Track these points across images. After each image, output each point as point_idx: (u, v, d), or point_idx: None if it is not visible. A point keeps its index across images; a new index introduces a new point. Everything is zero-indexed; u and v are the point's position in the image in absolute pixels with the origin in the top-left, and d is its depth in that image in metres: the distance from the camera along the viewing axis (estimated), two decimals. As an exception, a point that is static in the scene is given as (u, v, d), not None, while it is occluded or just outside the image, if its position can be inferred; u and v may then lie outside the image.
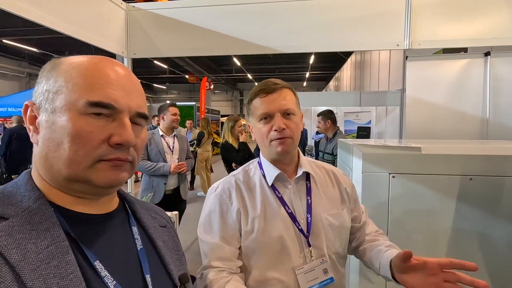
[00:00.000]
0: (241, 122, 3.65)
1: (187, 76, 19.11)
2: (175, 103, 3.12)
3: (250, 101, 0.98)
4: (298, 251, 0.93)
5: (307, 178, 1.00)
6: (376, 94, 6.23)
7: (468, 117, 2.76)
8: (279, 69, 19.54)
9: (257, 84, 1.00)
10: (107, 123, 0.51)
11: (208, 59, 16.35)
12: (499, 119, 2.69)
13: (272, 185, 0.97)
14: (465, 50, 3.00)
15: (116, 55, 2.37)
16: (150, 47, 2.45)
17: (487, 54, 2.71)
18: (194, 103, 12.74)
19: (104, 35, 2.21)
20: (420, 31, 2.14)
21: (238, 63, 16.62)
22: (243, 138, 3.61)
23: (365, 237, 1.04)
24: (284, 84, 0.97)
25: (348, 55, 12.25)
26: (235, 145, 3.51)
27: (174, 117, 2.99)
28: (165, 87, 24.92)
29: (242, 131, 3.65)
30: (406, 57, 2.97)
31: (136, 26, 2.44)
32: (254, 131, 1.00)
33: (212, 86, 17.30)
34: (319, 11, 2.23)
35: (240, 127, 3.61)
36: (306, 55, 14.49)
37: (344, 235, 1.01)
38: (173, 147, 3.05)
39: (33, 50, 12.74)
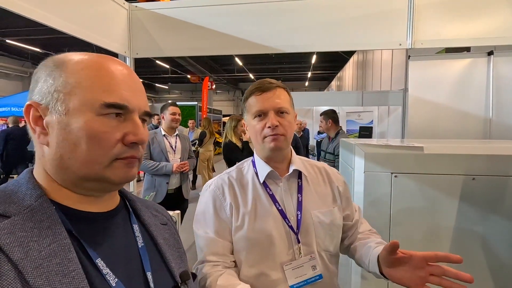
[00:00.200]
0: (243, 121, 3.64)
1: (189, 76, 19.12)
2: (175, 102, 3.12)
3: (246, 99, 1.02)
4: (287, 248, 0.95)
5: (299, 176, 1.01)
6: (378, 94, 6.21)
7: (471, 116, 2.75)
8: (281, 69, 19.51)
9: (253, 83, 1.02)
10: (119, 123, 0.53)
11: (210, 59, 16.36)
12: (502, 118, 2.67)
13: (264, 182, 0.99)
14: (468, 49, 2.99)
15: (118, 54, 2.38)
16: (152, 46, 2.46)
17: (490, 53, 2.70)
18: (196, 103, 12.78)
19: (106, 35, 2.21)
20: (423, 31, 2.13)
21: (240, 63, 16.62)
22: (246, 137, 3.61)
23: (357, 235, 1.06)
24: (278, 84, 0.99)
25: (350, 55, 12.22)
26: (239, 144, 3.50)
27: (173, 117, 2.99)
28: (167, 87, 24.94)
29: (245, 130, 3.64)
30: (409, 56, 2.97)
31: (138, 26, 2.45)
32: (248, 128, 1.03)
33: (214, 86, 17.34)
34: (321, 11, 2.23)
35: (243, 126, 3.61)
36: (308, 55, 14.47)
37: (335, 232, 1.01)
38: (176, 146, 3.06)
39: (36, 50, 12.78)
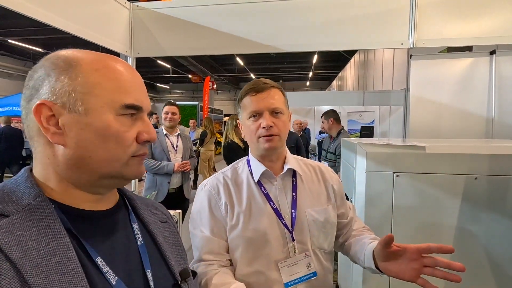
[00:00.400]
0: (238, 121, 3.64)
1: (190, 76, 19.13)
2: (171, 101, 3.14)
3: (240, 99, 1.02)
4: (282, 245, 0.96)
5: (294, 175, 1.03)
6: (379, 94, 6.21)
7: (473, 116, 2.73)
8: (282, 68, 19.49)
9: (248, 83, 1.03)
10: (133, 122, 0.56)
11: (211, 59, 16.36)
12: (504, 118, 2.66)
13: (259, 181, 1.00)
14: (470, 48, 2.98)
15: (120, 54, 2.38)
16: (153, 46, 2.46)
17: (492, 52, 2.69)
18: (197, 102, 12.82)
19: (108, 34, 2.21)
20: (425, 30, 2.12)
21: (241, 63, 16.62)
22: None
23: (352, 233, 1.07)
24: (273, 84, 0.99)
25: (352, 55, 12.21)
26: (241, 144, 3.48)
27: (165, 116, 3.03)
28: (168, 87, 24.98)
29: None
30: (411, 56, 2.95)
31: (140, 25, 2.45)
32: (243, 128, 1.04)
33: (215, 86, 17.32)
34: (322, 10, 2.22)
35: (238, 126, 3.60)
36: (309, 55, 14.47)
37: (329, 230, 1.02)
38: (177, 146, 3.07)
39: (38, 50, 12.82)
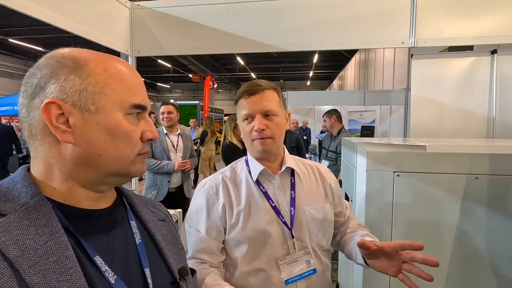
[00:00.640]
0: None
1: (190, 75, 19.14)
2: (167, 101, 3.16)
3: (236, 102, 1.03)
4: (282, 243, 0.97)
5: (292, 174, 1.04)
6: (380, 93, 6.21)
7: (474, 115, 2.73)
8: (282, 68, 19.49)
9: (244, 84, 1.04)
10: (138, 121, 0.57)
11: (212, 58, 16.36)
12: (505, 117, 2.65)
13: (257, 180, 1.01)
14: (471, 48, 2.97)
15: (120, 53, 2.38)
16: (154, 45, 2.46)
17: (493, 52, 2.68)
18: (197, 102, 12.84)
19: (109, 33, 2.22)
20: (426, 29, 2.12)
21: (242, 62, 16.61)
22: None
23: (347, 230, 1.11)
24: (267, 85, 0.99)
25: (352, 54, 12.20)
26: (239, 145, 3.40)
27: (162, 116, 3.04)
28: (168, 86, 24.99)
29: None
30: (411, 55, 2.95)
31: (140, 24, 2.45)
32: (240, 129, 1.05)
33: (215, 85, 17.33)
34: (323, 9, 2.22)
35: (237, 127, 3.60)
36: (310, 54, 14.45)
37: (327, 228, 1.04)
38: (177, 145, 3.07)
39: (39, 49, 12.83)
